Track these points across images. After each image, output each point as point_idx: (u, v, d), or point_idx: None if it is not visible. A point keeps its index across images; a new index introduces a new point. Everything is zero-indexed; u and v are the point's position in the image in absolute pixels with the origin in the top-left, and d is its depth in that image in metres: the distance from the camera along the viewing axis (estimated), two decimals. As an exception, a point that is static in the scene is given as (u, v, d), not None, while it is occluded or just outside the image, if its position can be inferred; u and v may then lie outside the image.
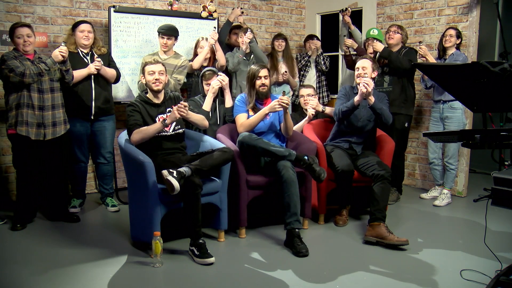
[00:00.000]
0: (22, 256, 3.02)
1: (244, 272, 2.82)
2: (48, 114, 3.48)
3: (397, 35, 4.34)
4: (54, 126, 3.54)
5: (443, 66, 2.49)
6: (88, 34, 3.78)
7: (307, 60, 5.04)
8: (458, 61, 4.00)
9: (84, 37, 3.77)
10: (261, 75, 3.54)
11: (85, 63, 3.79)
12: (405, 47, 4.38)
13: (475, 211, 4.06)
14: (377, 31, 4.70)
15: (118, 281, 2.68)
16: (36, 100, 3.42)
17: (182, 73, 4.14)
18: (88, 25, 3.81)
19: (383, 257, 3.03)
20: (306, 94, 4.23)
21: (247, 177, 3.34)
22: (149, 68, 3.26)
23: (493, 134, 2.09)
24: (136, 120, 3.19)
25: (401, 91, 4.28)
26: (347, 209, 3.71)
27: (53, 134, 3.54)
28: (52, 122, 3.52)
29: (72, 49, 3.76)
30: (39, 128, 3.46)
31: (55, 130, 3.54)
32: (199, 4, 4.88)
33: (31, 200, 3.58)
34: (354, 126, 3.75)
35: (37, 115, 3.44)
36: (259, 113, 3.47)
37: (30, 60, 3.45)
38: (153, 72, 3.25)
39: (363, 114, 3.74)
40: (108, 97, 3.95)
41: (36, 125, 3.45)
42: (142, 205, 3.06)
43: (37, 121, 3.44)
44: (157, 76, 3.25)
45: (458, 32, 4.14)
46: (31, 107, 3.42)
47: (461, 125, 4.14)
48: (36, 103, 3.43)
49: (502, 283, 2.26)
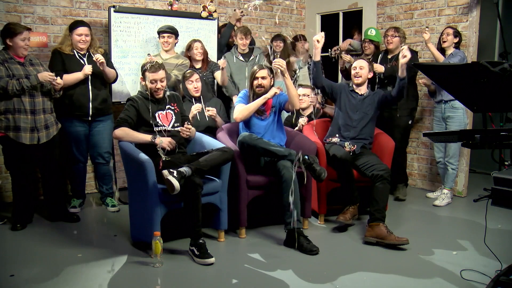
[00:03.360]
0: (22, 256, 3.02)
1: (244, 272, 2.82)
2: (40, 117, 3.46)
3: (395, 39, 4.36)
4: (47, 129, 3.52)
5: (443, 66, 2.49)
6: (86, 37, 3.74)
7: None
8: (456, 59, 4.00)
9: (81, 41, 3.72)
10: (258, 75, 3.54)
11: (81, 64, 3.75)
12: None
13: (475, 211, 4.06)
14: (375, 31, 4.70)
15: (118, 281, 2.68)
16: (28, 105, 3.39)
17: (182, 71, 4.14)
18: (86, 28, 3.76)
19: (383, 257, 3.03)
20: (302, 94, 4.21)
21: (247, 177, 3.34)
22: (151, 76, 3.24)
23: (493, 134, 2.09)
24: (128, 117, 3.20)
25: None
26: (353, 209, 3.56)
27: (47, 136, 3.52)
28: (45, 125, 3.50)
29: (68, 51, 3.73)
30: (33, 132, 3.43)
31: (48, 132, 3.53)
32: (199, 4, 4.89)
33: (27, 201, 3.57)
34: (350, 119, 3.75)
35: (30, 119, 3.41)
36: (258, 100, 3.47)
37: (20, 63, 3.41)
38: (155, 80, 3.25)
39: (360, 105, 3.76)
40: (105, 97, 3.93)
41: (30, 129, 3.42)
42: (142, 205, 3.06)
43: (30, 125, 3.41)
44: (159, 85, 3.26)
45: (455, 31, 4.13)
46: (23, 112, 3.38)
47: (463, 124, 4.14)
48: (28, 108, 3.39)
49: (502, 283, 2.26)
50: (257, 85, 3.54)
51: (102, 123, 3.95)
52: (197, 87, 3.87)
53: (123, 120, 3.20)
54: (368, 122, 3.77)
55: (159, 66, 3.28)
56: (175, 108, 3.39)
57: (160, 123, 3.28)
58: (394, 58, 4.32)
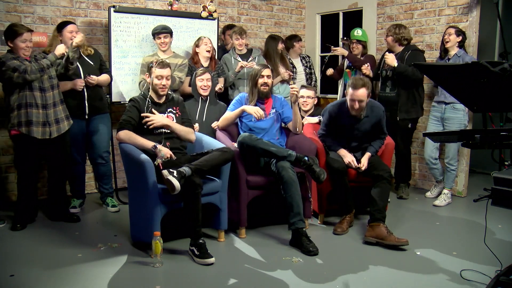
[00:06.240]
0: (22, 256, 3.02)
1: (244, 272, 2.82)
2: (51, 112, 3.48)
3: (388, 38, 4.39)
4: (58, 123, 3.53)
5: (443, 66, 2.49)
6: (77, 34, 3.70)
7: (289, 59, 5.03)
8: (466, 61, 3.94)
9: (73, 38, 3.67)
10: (264, 74, 3.57)
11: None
12: (408, 48, 4.35)
13: (475, 211, 4.06)
14: (361, 31, 4.72)
15: (118, 281, 2.68)
16: (39, 99, 3.42)
17: (183, 71, 4.15)
18: (75, 26, 3.78)
19: (383, 257, 3.03)
20: (307, 96, 4.23)
21: (247, 177, 3.34)
22: (158, 72, 3.23)
23: (493, 134, 2.09)
24: (131, 118, 3.20)
25: (408, 96, 4.28)
26: (350, 217, 3.54)
27: (58, 131, 3.54)
28: (55, 120, 3.52)
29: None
30: (45, 127, 3.46)
31: (59, 127, 3.54)
32: (199, 4, 4.88)
33: (31, 200, 3.58)
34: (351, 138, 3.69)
35: (42, 113, 3.44)
36: (236, 110, 3.62)
37: (27, 60, 3.42)
38: (162, 77, 3.24)
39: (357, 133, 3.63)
40: (101, 94, 3.94)
41: (42, 123, 3.44)
42: (142, 205, 3.06)
43: (42, 119, 3.44)
44: (165, 81, 3.26)
45: (457, 30, 4.08)
46: (34, 106, 3.41)
47: (462, 126, 4.12)
48: (40, 102, 3.42)
49: (502, 283, 2.26)
50: (263, 83, 3.56)
51: (99, 123, 3.93)
52: (206, 86, 3.83)
53: (126, 122, 3.19)
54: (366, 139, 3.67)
55: (167, 64, 3.29)
56: (176, 111, 3.38)
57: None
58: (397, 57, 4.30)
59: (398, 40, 4.35)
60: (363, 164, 3.52)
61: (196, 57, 4.30)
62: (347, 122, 3.59)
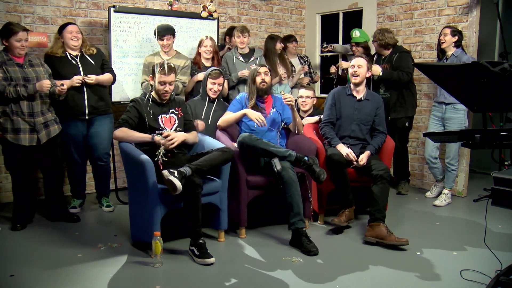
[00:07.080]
0: (22, 256, 3.02)
1: (244, 272, 2.82)
2: (39, 119, 3.45)
3: (374, 43, 4.51)
4: (47, 128, 3.50)
5: (443, 66, 2.49)
6: (77, 34, 3.72)
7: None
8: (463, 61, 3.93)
9: (73, 38, 3.69)
10: (261, 71, 3.60)
11: (73, 65, 3.72)
12: (396, 50, 4.40)
13: (475, 211, 4.05)
14: (359, 32, 4.74)
15: (118, 281, 2.68)
16: (26, 108, 3.38)
17: (186, 74, 4.15)
18: (75, 26, 3.77)
19: (383, 257, 3.03)
20: (305, 96, 4.23)
21: (247, 177, 3.34)
22: (161, 78, 3.22)
23: (493, 134, 2.09)
24: (129, 118, 3.20)
25: (397, 96, 4.40)
26: (349, 212, 3.55)
27: (48, 135, 3.50)
28: (44, 124, 3.48)
29: (60, 53, 3.71)
30: (32, 134, 3.42)
31: (49, 131, 3.51)
32: (199, 4, 4.88)
33: (27, 201, 3.57)
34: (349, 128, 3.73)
35: (28, 121, 3.40)
36: (238, 113, 3.60)
37: (19, 64, 3.39)
38: (164, 83, 3.23)
39: (357, 114, 3.72)
40: (102, 95, 3.87)
41: (29, 130, 3.41)
42: (142, 205, 3.06)
43: (29, 126, 3.41)
44: (167, 88, 3.25)
45: (453, 30, 4.05)
46: (21, 114, 3.38)
47: (462, 127, 4.12)
48: (26, 111, 3.39)
49: (502, 283, 2.26)
50: (261, 80, 3.58)
51: (100, 124, 3.89)
52: (217, 90, 3.79)
53: (123, 121, 3.20)
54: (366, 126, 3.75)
55: (171, 69, 3.26)
56: (179, 112, 3.38)
57: (162, 127, 3.28)
58: (386, 60, 4.41)
59: (383, 46, 4.42)
60: (361, 159, 3.54)
61: (198, 57, 4.30)
62: (348, 102, 3.75)
